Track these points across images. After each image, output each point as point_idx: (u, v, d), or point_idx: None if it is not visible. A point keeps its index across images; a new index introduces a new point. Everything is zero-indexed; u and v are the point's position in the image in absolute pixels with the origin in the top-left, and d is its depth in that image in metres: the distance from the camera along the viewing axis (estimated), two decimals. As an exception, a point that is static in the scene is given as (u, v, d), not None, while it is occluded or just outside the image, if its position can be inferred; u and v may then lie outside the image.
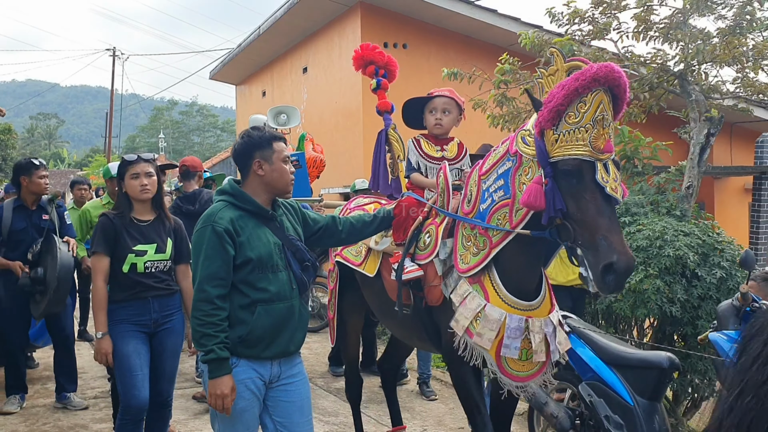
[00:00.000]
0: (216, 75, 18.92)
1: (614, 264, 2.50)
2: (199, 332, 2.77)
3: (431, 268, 3.31)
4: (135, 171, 3.86)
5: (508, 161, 2.94)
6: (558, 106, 2.62)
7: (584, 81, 2.56)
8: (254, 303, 2.85)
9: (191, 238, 3.04)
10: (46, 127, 78.39)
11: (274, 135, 3.03)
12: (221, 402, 2.75)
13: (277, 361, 2.94)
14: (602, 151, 2.63)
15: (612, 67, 2.58)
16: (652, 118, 7.35)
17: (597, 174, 2.61)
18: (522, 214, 2.85)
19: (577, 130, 2.62)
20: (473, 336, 3.01)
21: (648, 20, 6.77)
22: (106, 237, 3.77)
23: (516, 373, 3.10)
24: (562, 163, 2.66)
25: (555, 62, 2.80)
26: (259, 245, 2.88)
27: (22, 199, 5.25)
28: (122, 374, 3.73)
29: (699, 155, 6.20)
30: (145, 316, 3.83)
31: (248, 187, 2.98)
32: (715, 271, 5.52)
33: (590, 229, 2.59)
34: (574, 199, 2.65)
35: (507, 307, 3.00)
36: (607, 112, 2.63)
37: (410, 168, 3.72)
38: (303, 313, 3.04)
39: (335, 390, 6.04)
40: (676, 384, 5.79)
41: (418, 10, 11.39)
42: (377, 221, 3.42)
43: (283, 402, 2.97)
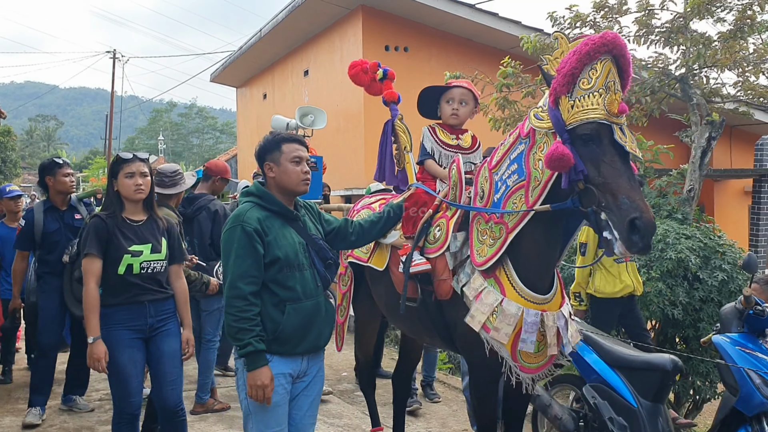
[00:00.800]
0: (217, 77, 18.95)
1: (638, 219, 2.54)
2: (234, 328, 2.85)
3: (441, 261, 3.32)
4: (130, 170, 3.75)
5: (521, 144, 2.99)
6: (572, 70, 2.68)
7: (594, 45, 2.63)
8: (283, 302, 2.95)
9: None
10: (45, 129, 78.33)
11: (286, 137, 3.11)
12: (262, 392, 2.85)
13: (307, 357, 3.06)
14: (617, 115, 2.68)
15: (616, 35, 2.68)
16: (654, 121, 7.39)
17: (615, 135, 2.67)
18: (539, 191, 2.87)
19: (591, 95, 2.67)
20: (490, 331, 3.04)
21: (649, 24, 6.82)
22: (99, 238, 3.65)
23: (528, 365, 3.13)
24: (580, 129, 2.70)
25: (560, 45, 2.86)
26: (286, 245, 2.97)
27: (51, 200, 5.18)
28: (116, 382, 3.68)
29: (700, 159, 6.25)
30: (141, 320, 3.71)
31: (268, 189, 3.09)
32: (716, 273, 5.56)
33: (612, 191, 2.63)
34: (593, 163, 2.69)
35: (524, 301, 3.03)
36: (617, 79, 2.71)
37: (425, 154, 3.70)
38: (329, 309, 3.13)
39: (339, 393, 6.06)
40: (678, 386, 5.83)
41: (420, 14, 11.44)
42: (384, 219, 3.45)
43: (299, 395, 3.10)
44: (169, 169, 5.00)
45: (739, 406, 3.66)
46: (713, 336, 3.96)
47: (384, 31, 11.62)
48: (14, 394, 5.85)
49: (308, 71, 13.85)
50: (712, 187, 13.96)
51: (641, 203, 2.58)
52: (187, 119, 79.70)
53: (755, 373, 3.60)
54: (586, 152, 2.70)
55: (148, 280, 3.74)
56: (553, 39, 2.91)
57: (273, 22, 13.34)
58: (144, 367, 3.85)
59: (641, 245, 2.56)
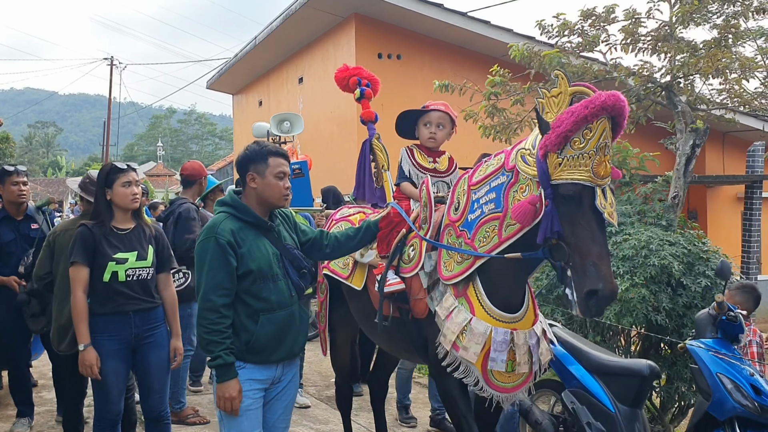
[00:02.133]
0: (213, 84, 19.03)
1: (599, 291, 2.59)
2: (206, 339, 2.91)
3: (416, 281, 3.36)
4: (127, 179, 3.85)
5: (503, 176, 3.00)
6: (566, 132, 2.67)
7: (593, 109, 2.61)
8: (257, 312, 2.99)
9: None
10: (44, 135, 78.44)
11: (272, 150, 3.12)
12: (230, 404, 2.93)
13: (282, 364, 3.12)
14: (602, 177, 2.70)
15: (618, 96, 2.65)
16: (640, 128, 7.45)
17: (597, 200, 2.69)
18: (513, 231, 2.90)
19: (581, 156, 2.67)
20: (459, 350, 3.08)
21: (635, 33, 6.88)
22: (86, 247, 3.73)
23: (502, 385, 3.16)
24: (563, 188, 2.71)
25: (559, 85, 2.83)
26: (259, 256, 3.01)
27: (6, 210, 5.10)
28: (98, 389, 3.77)
29: (685, 166, 6.30)
30: (125, 330, 3.78)
31: (245, 198, 3.12)
32: (700, 280, 5.60)
33: (582, 254, 2.66)
34: (570, 223, 2.71)
35: (492, 320, 3.06)
36: (609, 138, 2.71)
37: (402, 176, 3.77)
38: (303, 316, 3.19)
39: (326, 398, 6.11)
40: (662, 392, 5.87)
41: (412, 22, 11.51)
42: (360, 235, 3.48)
43: (272, 401, 3.16)
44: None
45: (712, 411, 3.71)
46: (687, 342, 4.01)
47: (377, 39, 11.70)
48: (4, 400, 5.90)
49: (303, 78, 13.93)
50: (704, 193, 14.03)
51: (606, 272, 2.63)
52: (186, 125, 79.84)
53: (727, 378, 3.65)
54: (564, 211, 2.73)
55: (135, 288, 3.81)
56: (555, 77, 2.91)
57: (267, 30, 13.42)
58: (127, 376, 3.94)
59: (595, 311, 2.65)
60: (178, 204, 5.35)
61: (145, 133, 78.46)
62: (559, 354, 4.43)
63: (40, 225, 5.20)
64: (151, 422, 3.97)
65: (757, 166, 11.75)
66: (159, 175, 39.52)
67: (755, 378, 3.66)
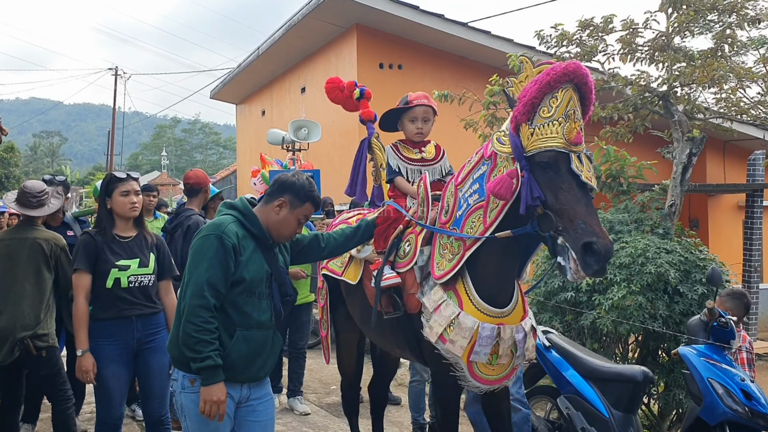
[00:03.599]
0: (216, 94, 19.14)
1: (594, 243, 2.62)
2: (195, 338, 2.78)
3: (410, 275, 3.42)
4: (125, 188, 3.91)
5: (484, 165, 3.09)
6: (532, 99, 2.77)
7: (555, 75, 2.72)
8: (234, 326, 2.92)
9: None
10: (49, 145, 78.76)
11: (314, 197, 3.10)
12: (216, 408, 2.80)
13: (247, 385, 3.03)
14: (575, 143, 2.77)
15: (578, 65, 2.76)
16: (638, 137, 7.51)
17: (572, 164, 2.75)
18: (496, 213, 2.97)
19: (551, 123, 2.76)
20: (447, 342, 3.14)
21: (633, 43, 6.96)
22: (88, 254, 3.80)
23: (486, 377, 3.21)
24: (538, 156, 2.79)
25: (525, 69, 2.94)
26: (255, 269, 2.97)
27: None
28: (100, 394, 3.83)
29: (681, 174, 6.36)
30: (128, 335, 3.83)
31: (259, 212, 3.08)
32: (696, 287, 5.64)
33: (569, 216, 2.71)
34: (551, 190, 2.78)
35: (480, 315, 3.12)
36: (577, 107, 2.79)
37: (392, 172, 3.82)
38: (276, 342, 3.14)
39: (326, 405, 6.16)
40: (660, 399, 5.91)
41: (413, 32, 11.59)
42: (359, 233, 3.54)
43: (249, 421, 3.06)
44: (35, 189, 4.52)
45: (704, 416, 3.76)
46: (680, 348, 4.06)
47: (378, 49, 11.78)
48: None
49: (305, 88, 14.02)
50: (705, 202, 14.04)
51: (598, 228, 2.67)
52: (191, 135, 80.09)
53: (718, 383, 3.69)
54: (544, 179, 2.79)
55: (136, 294, 3.88)
56: (519, 62, 3.00)
57: (270, 41, 13.52)
58: (129, 381, 4.00)
59: (596, 267, 2.65)
60: (185, 216, 5.26)
61: (150, 142, 78.79)
62: (554, 360, 4.49)
63: (76, 233, 5.23)
64: (152, 426, 4.03)
65: (758, 175, 11.77)
66: (163, 185, 39.64)
67: (746, 383, 3.71)
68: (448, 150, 4.08)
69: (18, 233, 4.46)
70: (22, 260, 4.34)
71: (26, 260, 4.34)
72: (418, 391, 5.36)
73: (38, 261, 4.36)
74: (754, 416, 3.59)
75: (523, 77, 2.93)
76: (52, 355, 4.39)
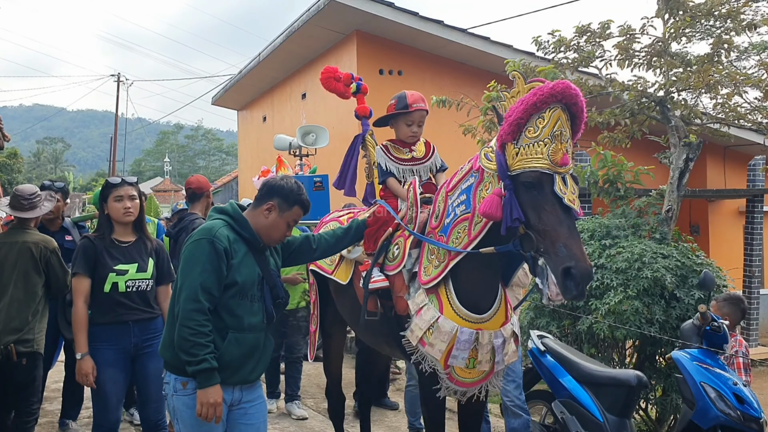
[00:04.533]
0: (218, 100, 19.20)
1: (572, 268, 2.62)
2: (190, 342, 2.80)
3: (399, 279, 3.45)
4: (119, 194, 3.93)
5: (472, 177, 3.10)
6: (518, 120, 2.75)
7: (542, 96, 2.69)
8: (227, 329, 2.95)
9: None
10: (52, 151, 79.00)
11: (302, 201, 3.12)
12: (213, 410, 2.83)
13: (239, 387, 3.05)
14: (560, 165, 2.75)
15: (568, 85, 2.72)
16: (636, 142, 7.53)
17: (555, 186, 2.74)
18: (480, 227, 2.99)
19: (536, 144, 2.74)
20: (426, 345, 3.17)
21: (629, 49, 6.98)
22: (87, 258, 3.83)
23: (462, 380, 3.26)
24: (522, 176, 2.78)
25: (516, 84, 2.93)
26: (246, 272, 3.00)
27: (42, 221, 5.11)
28: (97, 398, 3.86)
29: (678, 179, 6.37)
30: (125, 339, 3.86)
31: (249, 216, 3.10)
32: (693, 292, 5.65)
33: (551, 238, 2.71)
34: (534, 210, 2.77)
35: (459, 320, 3.15)
36: (565, 128, 2.76)
37: (383, 173, 3.86)
38: (267, 345, 3.17)
39: (323, 410, 6.15)
40: (658, 404, 5.92)
41: (413, 38, 11.64)
42: (349, 234, 3.58)
43: (241, 424, 3.08)
44: (27, 191, 4.55)
45: (696, 420, 3.77)
46: (673, 352, 4.07)
47: (378, 55, 11.83)
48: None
49: (306, 94, 14.07)
50: (706, 207, 14.05)
51: (578, 252, 2.66)
52: (194, 141, 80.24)
53: (711, 387, 3.70)
54: (527, 199, 2.79)
55: (134, 299, 3.91)
56: (512, 77, 3.00)
57: (271, 47, 13.59)
58: (126, 385, 4.02)
59: (575, 292, 2.66)
60: (190, 220, 5.28)
61: (153, 148, 78.94)
62: (549, 365, 4.50)
63: (74, 238, 5.24)
64: (149, 430, 4.04)
65: (758, 180, 11.77)
66: (166, 191, 39.77)
67: (738, 387, 3.72)
68: (447, 155, 4.10)
69: (7, 237, 4.45)
70: (10, 264, 4.33)
71: (13, 264, 4.33)
72: (414, 395, 5.34)
73: (27, 264, 4.35)
74: (746, 420, 3.60)
75: (515, 92, 2.92)
76: (32, 362, 4.34)
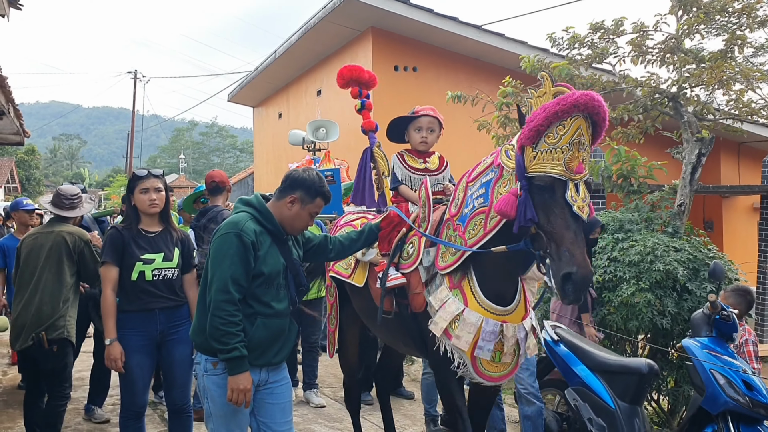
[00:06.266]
0: (234, 97, 19.38)
1: (572, 274, 2.73)
2: (221, 331, 2.98)
3: (415, 276, 3.56)
4: (145, 186, 4.07)
5: (492, 172, 3.20)
6: (538, 126, 2.84)
7: (564, 106, 2.78)
8: (256, 315, 3.12)
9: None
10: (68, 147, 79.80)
11: (324, 192, 3.26)
12: (243, 396, 3.02)
13: (265, 368, 3.22)
14: (575, 172, 2.85)
15: (592, 96, 2.79)
16: (650, 138, 7.59)
17: (567, 193, 2.84)
18: (495, 222, 3.10)
19: (554, 150, 2.83)
20: (452, 338, 3.27)
21: (643, 45, 7.05)
22: (115, 248, 3.98)
23: (489, 374, 3.34)
24: (537, 179, 2.88)
25: (544, 85, 3.00)
26: (272, 263, 3.15)
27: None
28: (125, 382, 4.01)
29: (691, 174, 6.44)
30: (152, 326, 4.01)
31: (273, 208, 3.25)
32: (705, 285, 5.72)
33: (557, 241, 2.82)
34: (545, 212, 2.88)
35: (484, 312, 3.25)
36: (585, 136, 2.84)
37: (396, 180, 3.98)
38: (292, 330, 3.33)
39: (340, 399, 6.29)
40: (670, 395, 6.00)
41: (428, 35, 11.74)
42: (363, 237, 3.72)
43: (267, 404, 3.25)
44: (69, 192, 4.84)
45: (706, 405, 3.86)
46: (684, 340, 4.17)
47: (393, 51, 11.94)
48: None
49: (321, 91, 14.21)
50: (720, 203, 14.06)
51: (580, 258, 2.76)
52: (208, 138, 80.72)
53: (720, 374, 3.80)
54: (540, 201, 2.89)
55: (160, 287, 4.05)
56: (540, 78, 3.08)
57: (287, 44, 13.73)
58: (153, 370, 4.17)
59: (572, 297, 2.77)
60: (216, 212, 5.48)
61: (168, 145, 79.53)
62: (563, 354, 4.61)
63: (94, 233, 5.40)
64: (174, 414, 4.19)
65: (773, 176, 11.77)
66: (181, 187, 40.07)
67: (747, 374, 3.81)
68: (461, 150, 4.22)
69: (46, 228, 4.73)
70: (45, 251, 4.57)
71: (48, 251, 4.57)
72: (430, 384, 5.48)
73: (60, 253, 4.58)
74: (755, 406, 3.69)
75: (542, 93, 2.99)
76: (63, 348, 4.53)
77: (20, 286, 4.58)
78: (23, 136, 9.17)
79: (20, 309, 4.49)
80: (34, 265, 4.55)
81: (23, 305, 4.49)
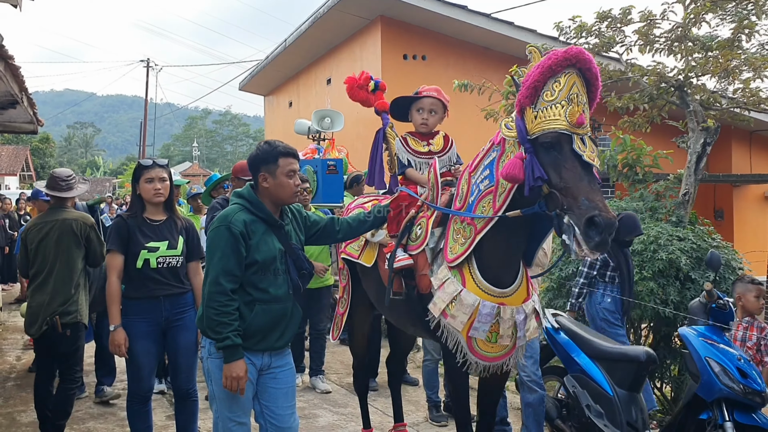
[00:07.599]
0: (245, 86, 19.46)
1: (596, 217, 2.70)
2: (215, 321, 3.08)
3: (422, 257, 3.58)
4: (150, 176, 4.14)
5: (494, 152, 3.21)
6: (534, 83, 2.86)
7: (556, 59, 2.81)
8: (254, 301, 3.20)
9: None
10: (83, 135, 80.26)
11: (282, 150, 3.29)
12: (236, 383, 3.11)
13: (268, 353, 3.30)
14: (577, 125, 2.85)
15: (581, 50, 2.84)
16: (656, 127, 7.59)
17: (574, 144, 2.85)
18: (504, 197, 3.10)
19: (554, 106, 2.84)
20: (448, 317, 3.32)
21: (650, 34, 7.04)
22: (120, 236, 4.06)
23: (484, 353, 3.38)
24: (542, 137, 2.88)
25: (533, 58, 3.02)
26: (266, 250, 3.22)
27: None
28: (131, 368, 4.11)
29: (696, 164, 6.45)
30: (157, 313, 4.08)
31: (260, 195, 3.31)
32: (708, 274, 5.75)
33: (572, 193, 2.80)
34: (555, 170, 2.87)
35: (481, 294, 3.28)
36: (581, 92, 2.87)
37: (402, 165, 3.98)
38: (295, 314, 3.39)
39: (346, 385, 6.39)
40: (673, 383, 6.05)
41: (437, 23, 11.75)
42: (371, 219, 3.76)
43: (270, 388, 3.32)
44: (63, 174, 4.99)
45: (701, 393, 3.90)
46: (681, 328, 4.21)
47: (402, 40, 11.96)
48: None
49: (330, 80, 14.25)
50: (731, 192, 14.02)
51: (601, 203, 2.74)
52: (221, 126, 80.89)
53: (715, 361, 3.84)
54: (548, 159, 2.88)
55: (165, 274, 4.12)
56: (528, 53, 3.12)
57: (297, 33, 13.77)
58: (158, 356, 4.24)
59: (598, 240, 2.70)
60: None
61: (181, 133, 79.77)
62: (563, 342, 4.66)
63: None
64: (180, 399, 4.29)
65: (784, 166, 11.75)
66: (194, 175, 40.30)
67: (742, 362, 3.85)
68: (468, 139, 4.21)
69: (48, 216, 4.78)
70: (53, 240, 4.66)
71: (57, 240, 4.66)
72: (431, 370, 5.56)
73: (69, 240, 4.67)
74: (749, 393, 3.72)
75: (531, 66, 2.99)
76: (76, 332, 4.65)
77: (33, 275, 4.68)
78: (37, 125, 9.28)
79: (35, 296, 4.61)
80: (44, 255, 4.64)
81: (37, 293, 4.60)
